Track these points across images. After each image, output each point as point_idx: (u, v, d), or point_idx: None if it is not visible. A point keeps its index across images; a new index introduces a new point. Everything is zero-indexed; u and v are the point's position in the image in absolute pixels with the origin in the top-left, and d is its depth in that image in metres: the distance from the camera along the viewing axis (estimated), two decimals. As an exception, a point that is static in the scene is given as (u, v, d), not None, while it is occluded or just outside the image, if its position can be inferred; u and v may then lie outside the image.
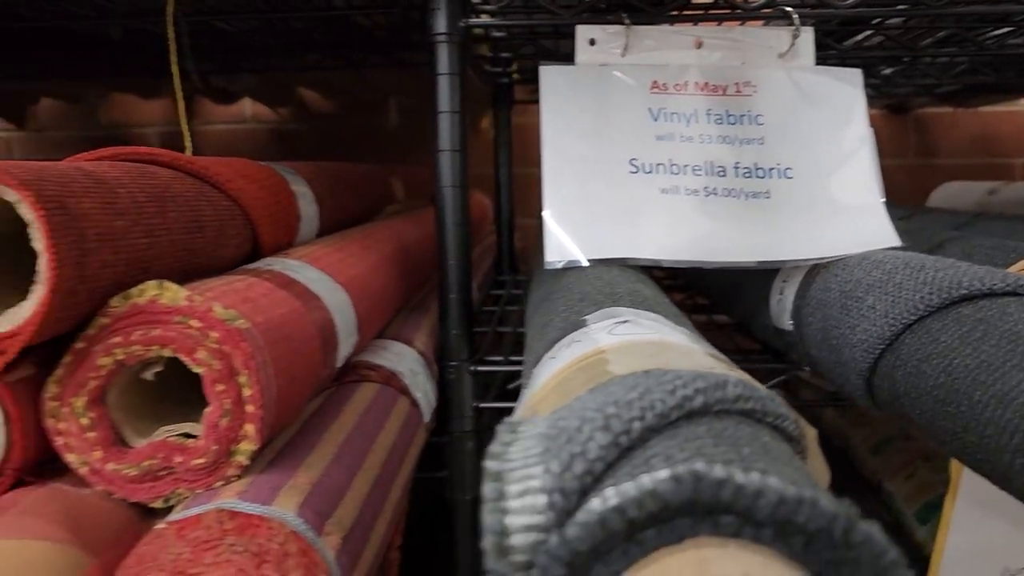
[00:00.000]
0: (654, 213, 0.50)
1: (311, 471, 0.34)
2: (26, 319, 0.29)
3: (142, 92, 1.41)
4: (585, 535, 0.17)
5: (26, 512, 0.30)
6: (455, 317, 0.57)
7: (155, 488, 0.32)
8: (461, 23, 0.54)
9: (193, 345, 0.31)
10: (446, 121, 0.56)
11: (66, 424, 0.32)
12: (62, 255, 0.29)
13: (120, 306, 0.32)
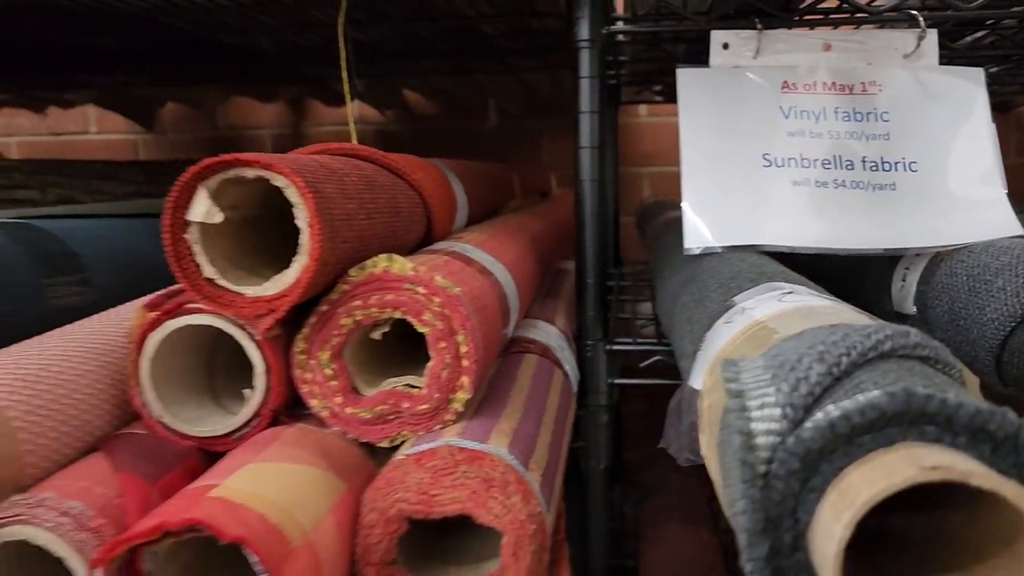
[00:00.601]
0: (785, 203, 0.55)
1: (510, 420, 0.39)
2: (291, 284, 0.36)
3: (260, 96, 1.50)
4: (817, 436, 0.22)
5: (288, 444, 0.36)
6: (592, 300, 0.63)
7: (384, 430, 0.38)
8: (603, 30, 0.60)
9: (420, 308, 0.37)
10: (587, 121, 0.61)
11: (312, 374, 0.38)
12: (321, 230, 0.35)
13: (358, 275, 0.38)
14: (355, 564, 0.35)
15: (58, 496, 0.32)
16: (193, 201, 0.35)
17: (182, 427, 0.38)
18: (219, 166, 0.35)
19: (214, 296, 0.36)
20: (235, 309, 0.36)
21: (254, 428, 0.38)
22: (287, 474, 0.33)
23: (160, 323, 0.38)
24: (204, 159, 0.35)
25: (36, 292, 0.45)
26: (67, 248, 0.49)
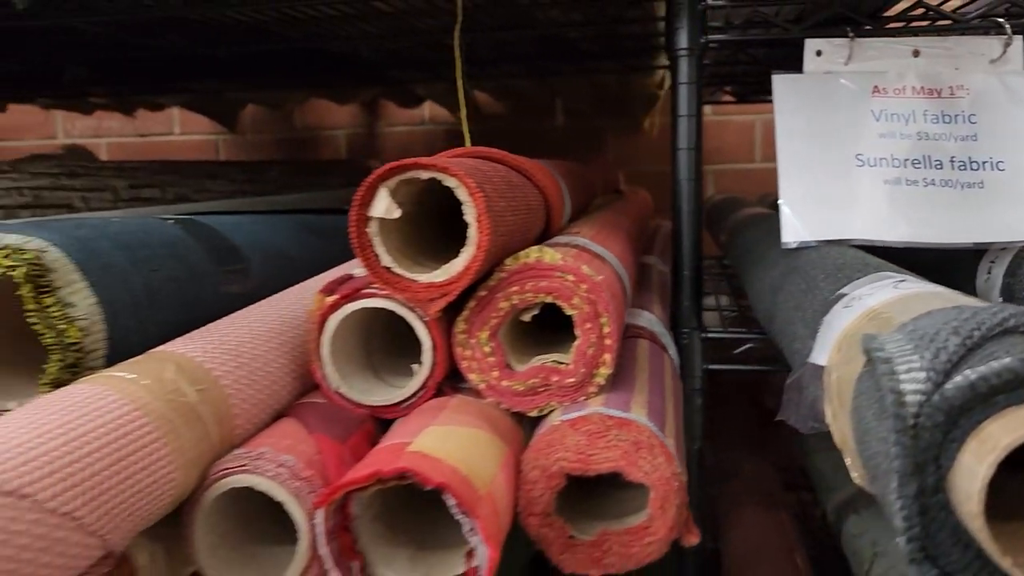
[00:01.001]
0: (877, 200, 0.59)
1: (642, 394, 0.44)
2: (460, 271, 0.41)
3: (337, 98, 1.56)
4: (959, 394, 0.27)
5: (456, 411, 0.42)
6: (687, 290, 0.67)
7: (534, 400, 0.43)
8: (702, 39, 0.64)
9: (570, 294, 0.42)
10: (684, 124, 0.65)
11: (471, 352, 0.44)
12: (487, 225, 0.40)
13: (513, 264, 0.43)
14: (518, 516, 0.40)
15: (273, 451, 0.38)
16: (375, 199, 0.41)
17: (357, 397, 0.44)
18: (400, 169, 0.40)
19: (392, 282, 0.42)
20: (411, 293, 0.41)
21: (420, 399, 0.44)
22: (462, 436, 0.39)
23: (339, 306, 0.43)
24: (389, 163, 0.40)
25: (213, 280, 0.51)
26: (229, 242, 0.55)
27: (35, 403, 0.33)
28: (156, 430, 0.35)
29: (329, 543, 0.36)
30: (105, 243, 0.44)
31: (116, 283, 0.43)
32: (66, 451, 0.31)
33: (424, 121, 1.66)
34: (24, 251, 0.39)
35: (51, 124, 1.76)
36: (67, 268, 0.40)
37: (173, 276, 0.47)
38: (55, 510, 0.29)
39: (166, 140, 1.75)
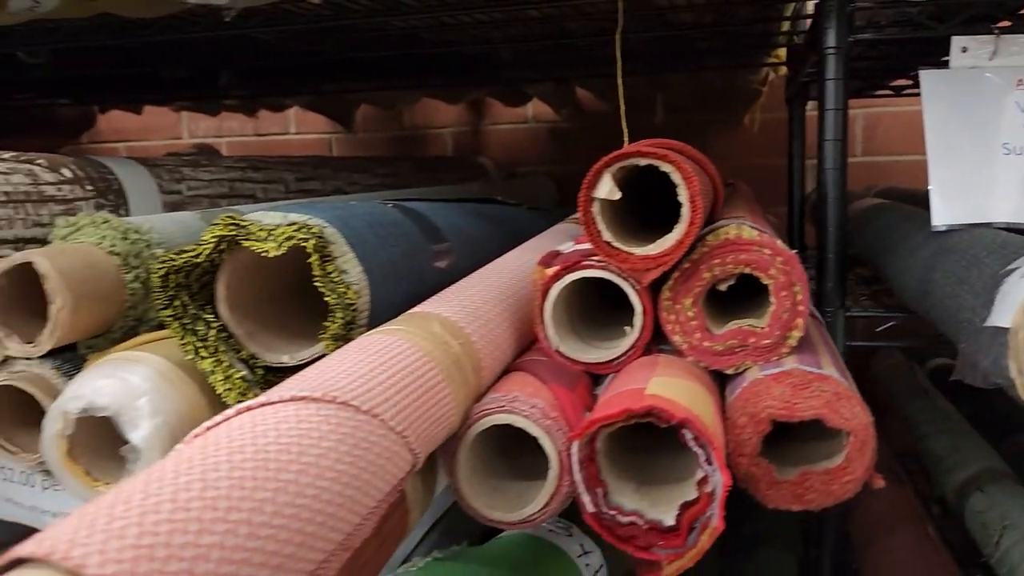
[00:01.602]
0: (1022, 186, 0.63)
1: (825, 356, 0.50)
2: (673, 245, 0.47)
3: (448, 98, 1.64)
4: None
5: (667, 366, 0.48)
6: (832, 272, 0.72)
7: (731, 360, 0.49)
8: (849, 38, 0.69)
9: (766, 265, 0.48)
10: (831, 117, 0.70)
11: (675, 316, 0.50)
12: (699, 204, 0.46)
13: (715, 240, 0.49)
14: (728, 457, 0.46)
15: (524, 395, 0.45)
16: (600, 182, 0.47)
17: (574, 355, 0.51)
18: (623, 156, 0.47)
19: (612, 255, 0.48)
20: (628, 264, 0.48)
21: (629, 357, 0.50)
22: (682, 385, 0.45)
23: (560, 277, 0.50)
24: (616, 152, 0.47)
25: (427, 256, 0.58)
26: (433, 224, 0.62)
27: (349, 349, 0.41)
28: (439, 373, 0.42)
29: (581, 471, 0.42)
30: (357, 222, 0.51)
31: (371, 256, 0.50)
32: (391, 383, 0.38)
33: (528, 119, 1.72)
34: (310, 227, 0.47)
35: (178, 125, 1.88)
36: (340, 241, 0.48)
37: (405, 251, 0.55)
38: (393, 428, 0.36)
39: (283, 139, 1.85)
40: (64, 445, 0.47)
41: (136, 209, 0.69)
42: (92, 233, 0.53)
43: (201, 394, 0.49)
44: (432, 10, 0.80)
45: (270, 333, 0.52)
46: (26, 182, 0.60)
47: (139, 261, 0.52)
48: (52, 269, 0.47)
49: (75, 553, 0.23)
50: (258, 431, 0.31)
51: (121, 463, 0.49)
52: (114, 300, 0.51)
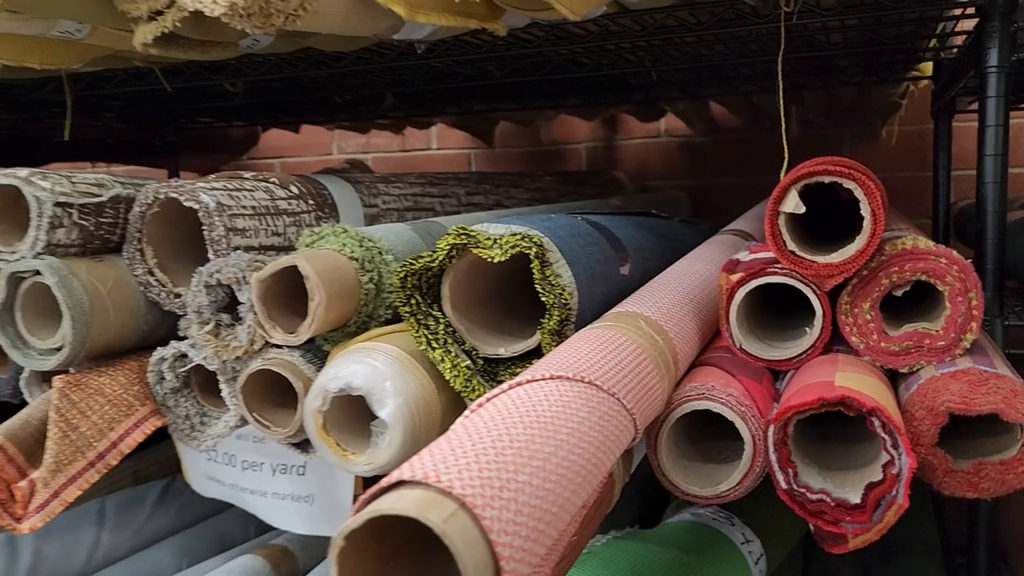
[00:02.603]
0: None
1: (997, 357, 0.54)
2: (855, 255, 0.52)
3: (584, 115, 1.71)
4: None
5: (846, 363, 0.53)
6: (990, 282, 0.75)
7: (906, 360, 0.54)
8: (1012, 57, 0.72)
9: (943, 273, 0.53)
10: (992, 133, 0.73)
11: (853, 319, 0.55)
12: (881, 217, 0.51)
13: (892, 250, 0.54)
14: (906, 445, 0.50)
15: (719, 385, 0.51)
16: (786, 198, 0.53)
17: (757, 352, 0.56)
18: (809, 174, 0.52)
19: (796, 263, 0.54)
20: (812, 272, 0.53)
21: (809, 355, 0.56)
22: (865, 380, 0.50)
23: (745, 282, 0.56)
24: (800, 166, 0.52)
25: (613, 262, 0.65)
26: (613, 234, 0.69)
27: (579, 339, 0.48)
28: (651, 363, 0.49)
29: (775, 452, 0.48)
30: (562, 232, 0.59)
31: (577, 262, 0.57)
32: (618, 368, 0.45)
33: (660, 134, 1.78)
34: (531, 236, 0.54)
35: (329, 142, 2.03)
36: (555, 249, 0.55)
37: (598, 258, 0.62)
38: (625, 406, 0.43)
39: (425, 154, 1.97)
40: (320, 419, 0.56)
41: (345, 219, 0.78)
42: (334, 241, 0.62)
43: (430, 378, 0.57)
44: (603, 39, 0.87)
45: (481, 329, 0.60)
46: (265, 198, 0.70)
47: (372, 265, 0.61)
48: (312, 271, 0.57)
49: (443, 478, 0.30)
50: (534, 400, 0.38)
51: (360, 437, 0.58)
52: (352, 299, 0.60)
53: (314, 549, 1.03)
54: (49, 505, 0.59)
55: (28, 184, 0.64)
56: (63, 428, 0.60)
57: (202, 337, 0.63)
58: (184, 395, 0.68)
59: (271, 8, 0.59)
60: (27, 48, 0.81)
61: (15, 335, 0.65)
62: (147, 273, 0.68)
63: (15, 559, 0.93)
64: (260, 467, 0.92)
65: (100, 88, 1.06)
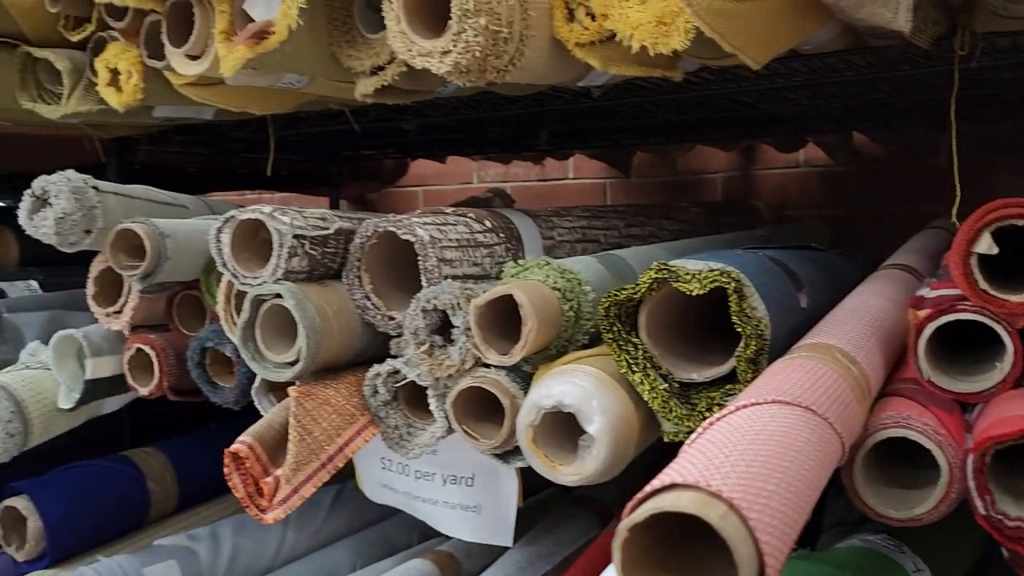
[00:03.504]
0: None
1: None
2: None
3: (723, 145, 1.74)
4: None
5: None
6: None
7: (1099, 395, 0.56)
8: None
9: None
10: None
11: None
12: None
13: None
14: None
15: (915, 415, 0.55)
16: (980, 239, 0.56)
17: (946, 385, 0.59)
18: (1005, 216, 0.56)
19: (989, 301, 0.57)
20: (1005, 310, 0.56)
21: (999, 389, 0.58)
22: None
23: (935, 318, 0.59)
24: (995, 204, 0.55)
25: (794, 296, 0.69)
26: (789, 267, 0.73)
27: (782, 368, 0.53)
28: (851, 392, 0.53)
29: (974, 479, 0.51)
30: (751, 267, 0.64)
31: (767, 295, 0.62)
32: (826, 396, 0.49)
33: (800, 164, 1.79)
34: (730, 272, 0.60)
35: (470, 172, 2.13)
36: (749, 284, 0.60)
37: (782, 292, 0.66)
38: (836, 430, 0.48)
39: (562, 184, 2.04)
40: (531, 433, 0.63)
41: (529, 251, 0.85)
42: (538, 273, 0.69)
43: (629, 398, 0.63)
44: (771, 80, 0.92)
45: (671, 355, 0.66)
46: (466, 231, 0.78)
47: (573, 295, 0.68)
48: (526, 299, 0.64)
49: (712, 483, 0.36)
50: (764, 421, 0.43)
51: (561, 450, 0.64)
52: (555, 325, 0.67)
53: (477, 557, 1.10)
54: (290, 500, 0.68)
55: (271, 219, 0.74)
56: (300, 433, 0.69)
57: (418, 356, 0.70)
58: (393, 407, 0.76)
59: (487, 65, 0.67)
60: (252, 97, 0.93)
61: (255, 350, 0.75)
62: (364, 298, 0.77)
63: (218, 551, 1.04)
64: (432, 477, 1.00)
65: (296, 127, 1.18)
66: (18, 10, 0.92)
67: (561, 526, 1.06)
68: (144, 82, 0.88)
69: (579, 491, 1.18)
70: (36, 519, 1.01)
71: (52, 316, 1.03)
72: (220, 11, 0.77)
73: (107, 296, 0.92)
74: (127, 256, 0.86)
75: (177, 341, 0.91)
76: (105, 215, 0.87)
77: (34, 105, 0.95)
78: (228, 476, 0.68)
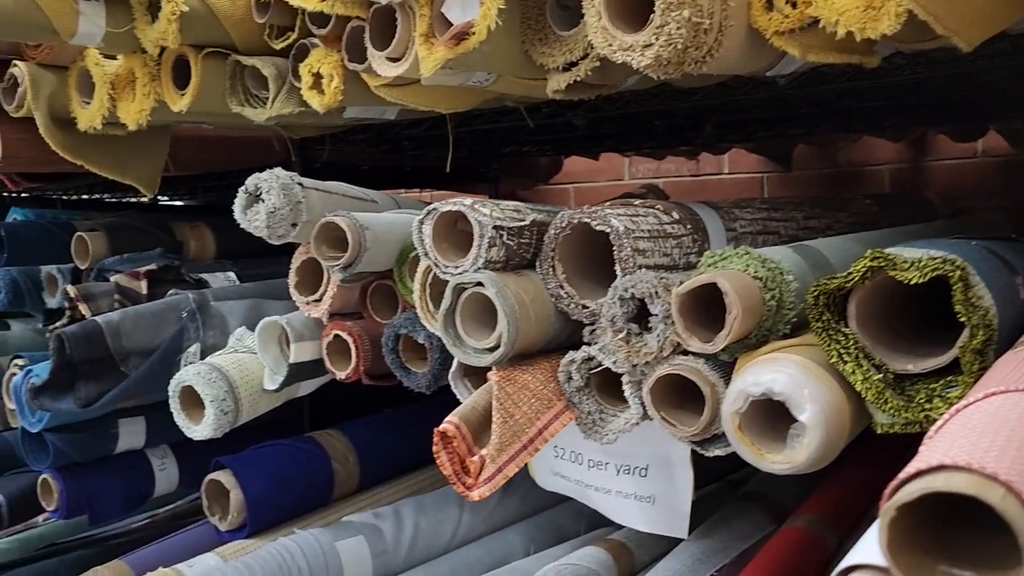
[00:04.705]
0: None
1: None
2: None
3: (891, 136, 1.67)
4: None
5: None
6: None
7: None
8: None
9: None
10: None
11: None
12: None
13: None
14: None
15: None
16: None
17: None
18: None
19: None
20: None
21: None
22: None
23: None
24: None
25: (1014, 286, 0.66)
26: (1005, 259, 0.70)
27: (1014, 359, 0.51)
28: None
29: None
30: (972, 256, 0.61)
31: (992, 285, 0.60)
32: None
33: (977, 154, 1.69)
34: (954, 261, 0.58)
35: (622, 167, 2.13)
36: (975, 272, 0.58)
37: (1005, 282, 0.63)
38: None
39: (716, 179, 2.02)
40: (737, 420, 0.63)
41: (714, 243, 0.86)
42: (737, 262, 0.69)
43: (839, 388, 0.62)
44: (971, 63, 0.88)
45: (880, 346, 0.64)
46: (655, 223, 0.79)
47: (775, 284, 0.67)
48: (731, 288, 0.64)
49: (987, 465, 0.35)
50: (1019, 409, 0.42)
51: (766, 439, 0.64)
52: (756, 314, 0.67)
53: (648, 547, 1.11)
54: (494, 479, 0.71)
55: (472, 211, 0.77)
56: (503, 415, 0.72)
57: (614, 344, 0.72)
58: (586, 394, 0.77)
59: (686, 57, 0.67)
60: (440, 96, 0.97)
61: (455, 336, 0.79)
62: (558, 286, 0.79)
63: (401, 529, 1.10)
64: (605, 466, 1.01)
65: (469, 124, 1.23)
66: (229, 22, 1.00)
67: (734, 520, 1.05)
68: (344, 84, 0.93)
69: (749, 487, 1.17)
70: (238, 492, 1.10)
71: (252, 304, 1.11)
72: (421, 15, 0.81)
73: (307, 285, 0.98)
74: (329, 247, 0.92)
75: (371, 328, 0.97)
76: (309, 209, 0.93)
77: (242, 109, 1.03)
78: (436, 454, 0.72)
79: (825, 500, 1.10)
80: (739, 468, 1.27)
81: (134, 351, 1.04)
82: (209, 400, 0.95)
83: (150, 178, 1.17)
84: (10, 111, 1.09)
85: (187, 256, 1.35)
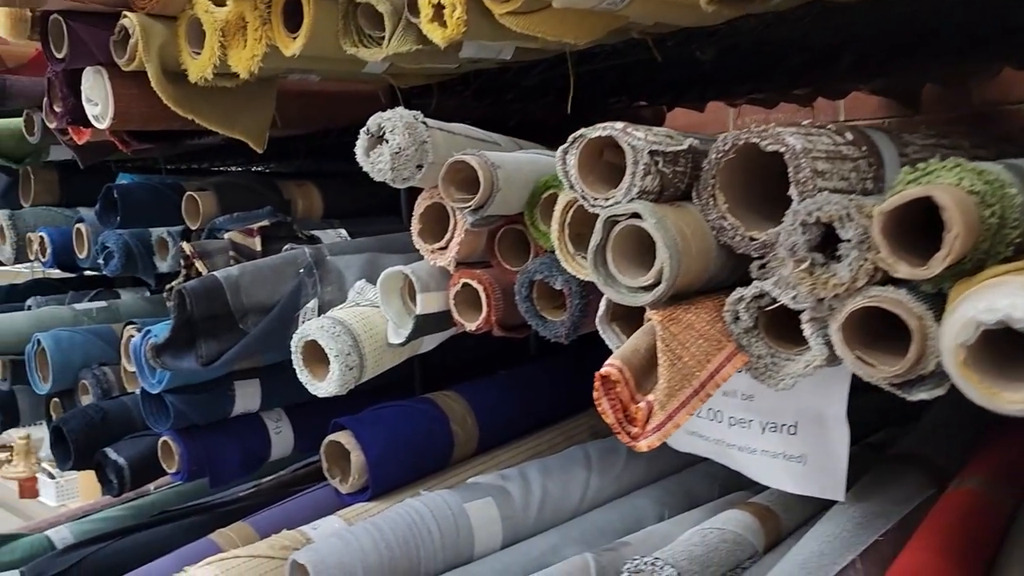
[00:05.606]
0: None
1: None
2: None
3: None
4: None
5: None
6: None
7: None
8: None
9: None
10: None
11: None
12: None
13: None
14: None
15: None
16: None
17: None
18: None
19: None
20: None
21: None
22: None
23: None
24: None
25: None
26: None
27: None
28: None
29: None
30: None
31: None
32: None
33: None
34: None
35: (725, 120, 2.02)
36: None
37: None
38: None
39: (830, 127, 1.88)
40: (962, 354, 0.54)
41: (889, 166, 0.76)
42: (947, 176, 0.60)
43: (1088, 316, 0.52)
44: None
45: None
46: (830, 143, 0.70)
47: (995, 199, 0.58)
48: (951, 202, 0.55)
49: None
50: None
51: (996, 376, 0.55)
52: (974, 233, 0.58)
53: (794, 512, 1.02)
54: (665, 427, 0.64)
55: (625, 134, 0.70)
56: (670, 358, 0.65)
57: (796, 276, 0.64)
58: (755, 335, 0.69)
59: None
60: (570, 24, 0.90)
61: (607, 274, 0.72)
62: (720, 217, 0.71)
63: (529, 492, 1.04)
64: (749, 424, 0.93)
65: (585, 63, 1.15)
66: (341, -43, 0.95)
67: (890, 483, 0.96)
68: (466, 15, 0.87)
69: (900, 447, 1.08)
70: (359, 453, 1.06)
71: (369, 258, 1.06)
72: (556, -75, 0.74)
73: (432, 232, 0.92)
74: (458, 189, 0.86)
75: (501, 276, 0.90)
76: (434, 150, 0.87)
77: (356, 50, 0.97)
78: (597, 400, 0.65)
79: (996, 460, 1.00)
80: (878, 430, 1.18)
81: (252, 308, 1.00)
82: (334, 355, 0.91)
83: (259, 132, 1.13)
84: (121, 64, 1.06)
85: (295, 215, 1.31)
